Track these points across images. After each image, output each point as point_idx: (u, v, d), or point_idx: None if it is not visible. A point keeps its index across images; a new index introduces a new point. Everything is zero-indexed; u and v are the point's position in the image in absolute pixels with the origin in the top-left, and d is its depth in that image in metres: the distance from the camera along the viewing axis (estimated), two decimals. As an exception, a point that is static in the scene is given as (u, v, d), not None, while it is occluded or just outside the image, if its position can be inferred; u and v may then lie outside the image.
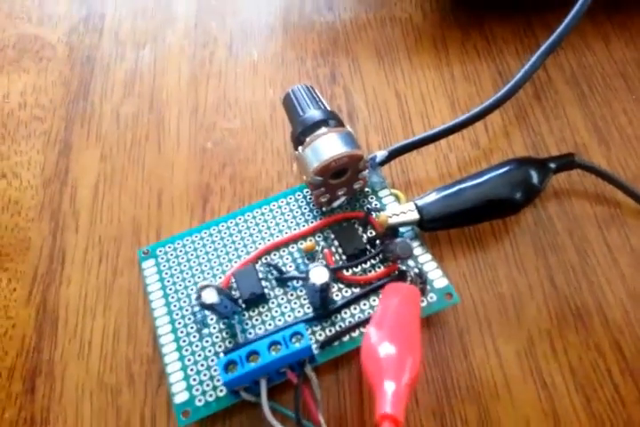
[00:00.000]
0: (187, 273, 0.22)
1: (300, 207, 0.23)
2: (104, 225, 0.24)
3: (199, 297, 0.19)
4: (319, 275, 0.18)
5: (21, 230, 0.24)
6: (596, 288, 0.21)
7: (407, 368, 0.15)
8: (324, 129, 0.21)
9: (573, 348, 0.20)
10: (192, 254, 0.22)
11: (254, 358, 0.18)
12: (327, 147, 0.20)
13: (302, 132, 0.21)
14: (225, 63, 0.27)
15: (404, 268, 0.21)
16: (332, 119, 0.21)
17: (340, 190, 0.22)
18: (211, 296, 0.19)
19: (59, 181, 0.25)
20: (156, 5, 0.29)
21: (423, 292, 0.20)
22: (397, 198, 0.23)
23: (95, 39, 0.28)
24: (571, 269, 0.22)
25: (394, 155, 0.23)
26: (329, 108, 0.22)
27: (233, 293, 0.21)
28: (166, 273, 0.22)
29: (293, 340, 0.18)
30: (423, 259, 0.21)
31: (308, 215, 0.22)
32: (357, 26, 0.28)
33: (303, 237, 0.22)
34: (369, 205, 0.23)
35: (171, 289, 0.21)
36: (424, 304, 0.20)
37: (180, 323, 0.20)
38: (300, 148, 0.21)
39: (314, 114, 0.21)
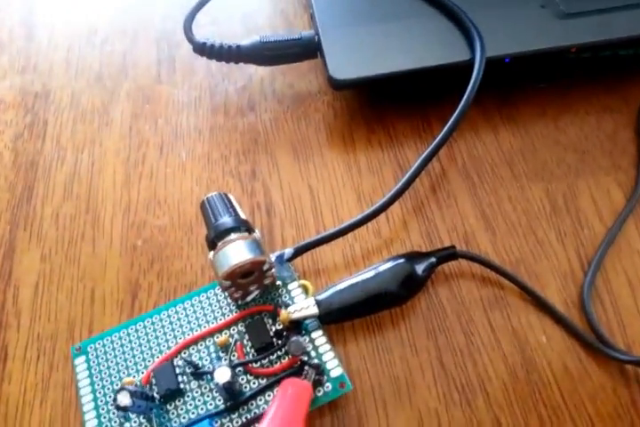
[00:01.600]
0: (113, 369, 0.24)
1: (218, 301, 0.25)
2: (42, 323, 0.26)
3: (115, 399, 0.21)
4: (222, 374, 0.21)
5: (-33, 331, 0.26)
6: (480, 368, 0.24)
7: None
8: (233, 235, 0.24)
9: (458, 425, 0.23)
10: (119, 350, 0.24)
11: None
12: (233, 254, 0.23)
13: (215, 237, 0.24)
14: (156, 164, 0.30)
15: (305, 359, 0.23)
16: (242, 226, 0.24)
17: (252, 286, 0.25)
18: (124, 399, 0.21)
19: (3, 283, 0.27)
20: (94, 111, 0.32)
21: (320, 382, 0.23)
22: (306, 290, 0.25)
23: (39, 144, 0.31)
24: (458, 350, 0.24)
25: (300, 252, 0.26)
26: (241, 215, 0.25)
27: (153, 387, 0.23)
28: (95, 369, 0.24)
29: (199, 432, 0.20)
30: (322, 349, 0.24)
31: (225, 309, 0.25)
32: (276, 125, 0.31)
33: (219, 330, 0.25)
34: (279, 298, 0.25)
35: (99, 385, 0.24)
36: (320, 394, 0.22)
37: (104, 417, 0.23)
38: (211, 252, 0.24)
39: (226, 221, 0.24)
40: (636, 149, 0.29)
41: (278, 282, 0.26)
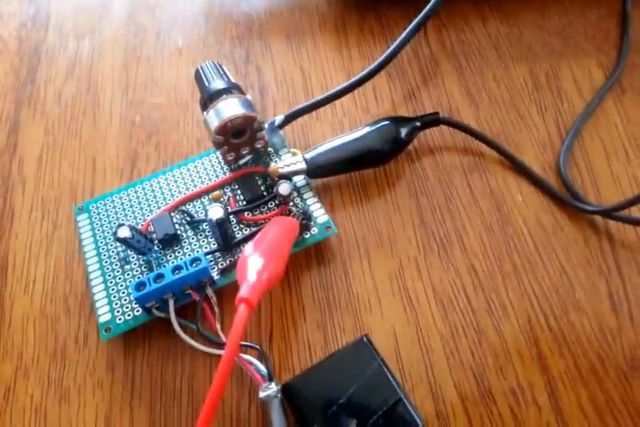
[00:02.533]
0: (114, 223, 0.25)
1: (213, 166, 0.27)
2: (46, 188, 0.28)
3: (115, 233, 0.23)
4: (215, 212, 0.22)
5: (-24, 195, 0.28)
6: (457, 223, 0.25)
7: (268, 270, 0.19)
8: (224, 96, 0.25)
9: (436, 270, 0.24)
10: (119, 208, 0.26)
11: (160, 280, 0.22)
12: (225, 109, 0.24)
13: (208, 99, 0.25)
14: (153, 49, 0.31)
15: (292, 208, 0.25)
16: (233, 88, 0.25)
17: (244, 149, 0.26)
18: (124, 232, 0.23)
19: (9, 154, 0.29)
20: (95, 2, 0.33)
21: (307, 227, 0.24)
22: (295, 156, 0.27)
23: (42, 34, 0.32)
24: (437, 209, 0.26)
25: (290, 118, 0.27)
26: (233, 81, 0.26)
27: (152, 235, 0.25)
28: (97, 224, 0.26)
29: (194, 264, 0.22)
30: (310, 201, 0.25)
31: (219, 172, 0.27)
32: (270, 15, 0.32)
33: (213, 189, 0.26)
34: (270, 163, 0.27)
35: (100, 236, 0.25)
36: (308, 236, 0.24)
37: (106, 262, 0.24)
38: (204, 112, 0.25)
39: (218, 84, 0.25)
40: (619, 34, 0.30)
41: (270, 149, 0.27)
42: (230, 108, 0.24)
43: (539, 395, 0.21)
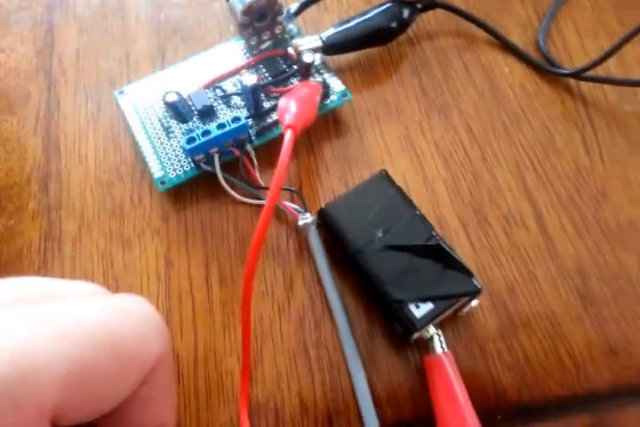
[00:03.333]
0: (154, 101, 0.29)
1: (237, 51, 0.30)
2: (86, 77, 0.31)
3: (164, 98, 0.26)
4: (249, 78, 0.26)
5: (23, 88, 0.31)
6: (454, 92, 0.29)
7: (305, 109, 0.23)
8: (246, -17, 0.28)
9: (437, 130, 0.28)
10: (157, 89, 0.29)
11: (207, 135, 0.25)
12: (249, -7, 0.27)
13: (232, -12, 0.28)
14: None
15: (313, 80, 0.28)
16: (253, -22, 0.28)
17: (265, 34, 0.29)
18: (172, 96, 0.26)
19: (48, 51, 0.32)
20: None
21: (327, 95, 0.28)
22: (312, 35, 0.30)
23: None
24: (437, 81, 0.30)
25: (304, 6, 0.30)
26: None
27: (192, 108, 0.28)
28: (138, 103, 0.29)
29: (235, 122, 0.26)
30: (327, 74, 0.29)
31: (244, 56, 0.30)
32: None
33: (239, 70, 0.29)
34: (288, 46, 0.30)
35: (142, 113, 0.29)
36: (328, 102, 0.28)
37: (152, 131, 0.28)
38: (230, -1, 0.28)
39: (240, -25, 0.29)
40: None
41: (286, 35, 0.30)
42: (255, -9, 0.27)
43: (527, 219, 0.26)
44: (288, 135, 0.22)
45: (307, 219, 0.25)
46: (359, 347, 0.24)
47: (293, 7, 0.30)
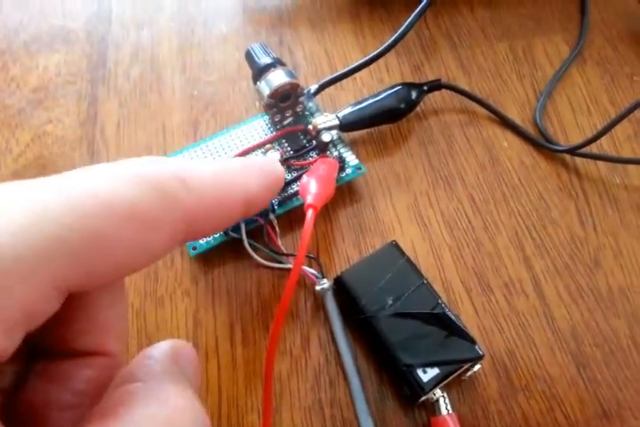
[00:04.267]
0: (187, 171, 0.32)
1: (262, 127, 0.34)
2: (126, 148, 0.34)
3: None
4: (274, 155, 0.29)
5: (68, 156, 0.34)
6: (458, 165, 0.32)
7: (324, 188, 0.26)
8: (272, 69, 0.32)
9: (443, 200, 0.31)
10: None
11: (234, 208, 0.28)
12: (275, 78, 0.31)
13: (259, 73, 0.32)
14: (202, 36, 0.38)
15: (330, 155, 0.31)
16: (278, 63, 0.32)
17: (287, 112, 0.33)
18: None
19: (91, 123, 0.35)
20: (148, -1, 0.40)
21: (342, 169, 0.31)
22: (329, 115, 0.34)
23: (106, 24, 0.39)
24: (442, 154, 0.33)
25: (323, 86, 0.34)
26: (276, 56, 0.33)
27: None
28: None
29: (258, 196, 0.29)
30: (343, 150, 0.32)
31: (267, 132, 0.33)
32: (297, 6, 0.39)
33: (264, 144, 0.33)
34: (308, 123, 0.33)
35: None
36: (343, 175, 0.31)
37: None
38: (257, 82, 0.32)
39: (266, 60, 0.32)
40: (580, 15, 0.37)
41: (306, 113, 0.34)
42: (279, 77, 0.31)
43: (526, 287, 0.28)
44: (309, 214, 0.25)
45: (324, 284, 0.28)
46: (370, 406, 0.26)
47: (313, 88, 0.33)
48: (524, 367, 0.26)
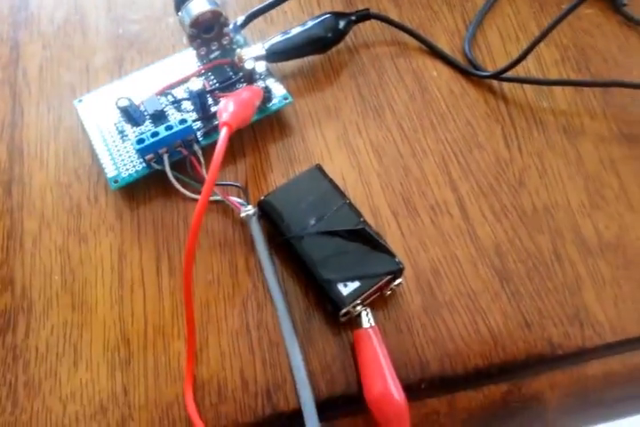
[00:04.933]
0: (110, 107, 0.31)
1: (189, 61, 0.33)
2: (48, 89, 0.33)
3: (116, 103, 0.29)
4: (195, 84, 0.29)
5: (-12, 99, 0.33)
6: (388, 95, 0.32)
7: (241, 109, 0.26)
8: (194, -2, 0.31)
9: (372, 129, 0.31)
10: (113, 97, 0.32)
11: (156, 136, 0.28)
12: (195, 6, 0.30)
13: (180, 2, 0.31)
14: (128, -24, 0.37)
15: (257, 85, 0.31)
16: (200, -6, 0.31)
17: (213, 45, 0.32)
18: (123, 102, 0.29)
19: (13, 66, 0.34)
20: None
21: (269, 99, 0.30)
22: (255, 45, 0.33)
23: (27, -34, 0.37)
24: (372, 85, 0.32)
25: (251, 17, 0.33)
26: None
27: (145, 113, 0.31)
28: (96, 110, 0.31)
29: (181, 124, 0.28)
30: (270, 80, 0.31)
31: (196, 65, 0.32)
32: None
33: (189, 78, 0.32)
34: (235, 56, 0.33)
35: (100, 119, 0.31)
36: (270, 104, 0.30)
37: (107, 135, 0.30)
38: (179, 12, 0.31)
39: (189, -10, 0.31)
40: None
41: (234, 46, 0.33)
42: (200, 4, 0.30)
43: (451, 208, 0.28)
44: (223, 132, 0.24)
45: (248, 211, 0.27)
46: (297, 327, 0.26)
47: (240, 19, 0.33)
48: (447, 284, 0.26)
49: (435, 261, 0.27)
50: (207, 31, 0.31)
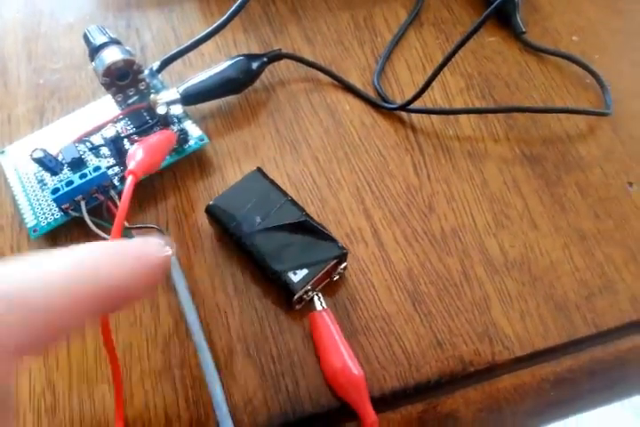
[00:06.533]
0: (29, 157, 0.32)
1: (108, 108, 0.34)
2: (-29, 140, 0.34)
3: (31, 155, 0.29)
4: (109, 131, 0.30)
5: None
6: (304, 130, 0.33)
7: (149, 157, 0.26)
8: (106, 47, 0.32)
9: (289, 164, 0.32)
10: (33, 148, 0.32)
11: (71, 185, 0.28)
12: (108, 56, 0.31)
13: (94, 51, 0.32)
14: (49, 25, 0.38)
15: (173, 128, 0.32)
16: (113, 42, 0.32)
17: (130, 91, 0.33)
18: (38, 153, 0.29)
19: None
20: (-9, -8, 0.39)
21: (186, 141, 0.31)
22: (170, 89, 0.34)
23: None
24: (289, 121, 0.34)
25: (165, 62, 0.34)
26: (113, 37, 0.33)
27: (62, 162, 0.31)
28: (17, 161, 0.32)
29: (95, 171, 0.29)
30: (186, 123, 0.32)
31: (115, 111, 0.33)
32: (143, -9, 0.39)
33: (106, 124, 0.33)
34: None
35: (21, 171, 0.32)
36: (187, 146, 0.31)
37: (27, 185, 0.31)
38: (92, 62, 0.32)
39: (101, 39, 0.32)
40: (417, -17, 0.39)
41: (152, 90, 0.34)
42: (112, 54, 0.31)
43: (365, 235, 0.30)
44: (129, 180, 0.25)
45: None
46: (219, 363, 0.26)
47: (155, 65, 0.34)
48: (363, 309, 0.27)
49: (351, 287, 0.28)
50: (121, 78, 0.32)
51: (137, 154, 0.27)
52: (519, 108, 0.33)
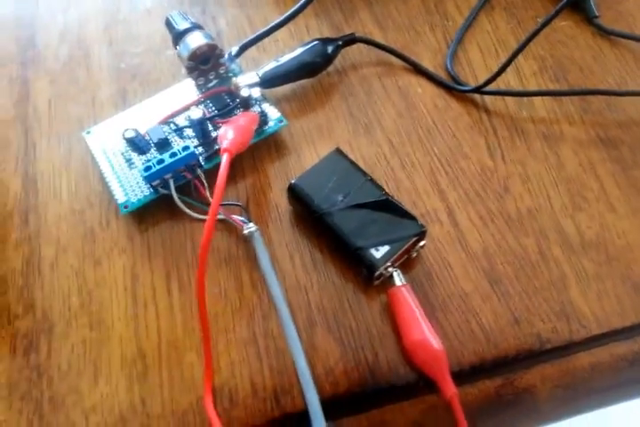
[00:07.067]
0: (116, 138, 0.33)
1: (189, 91, 0.35)
2: (58, 122, 0.35)
3: (123, 135, 0.31)
4: (195, 112, 0.31)
5: (3, 135, 0.35)
6: (377, 112, 0.34)
7: (240, 136, 0.28)
8: (190, 32, 0.33)
9: (364, 146, 0.33)
10: (119, 128, 0.34)
11: (162, 163, 0.30)
12: (192, 41, 0.32)
13: (178, 36, 0.33)
14: (127, 11, 0.39)
15: (254, 110, 0.33)
16: (196, 27, 0.33)
17: (210, 75, 0.34)
18: (130, 133, 0.31)
19: (24, 102, 0.37)
20: None
21: (265, 122, 0.33)
22: (250, 73, 0.35)
23: (34, 9, 0.40)
24: (361, 105, 0.34)
25: (244, 47, 0.35)
26: (195, 22, 0.34)
27: (149, 142, 0.33)
28: (103, 141, 0.34)
29: (184, 151, 0.30)
30: (265, 105, 0.33)
31: (195, 94, 0.35)
32: (217, -22, 0.41)
33: (189, 106, 0.34)
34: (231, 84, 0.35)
35: (107, 149, 0.33)
36: (266, 128, 0.32)
37: (116, 164, 0.32)
38: (176, 46, 0.33)
39: (184, 25, 0.33)
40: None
41: (230, 74, 0.35)
42: (196, 39, 0.32)
43: (441, 215, 0.30)
44: (225, 158, 0.26)
45: (251, 228, 0.29)
46: (301, 335, 0.27)
47: (234, 50, 0.35)
48: (440, 287, 0.28)
49: (427, 266, 0.29)
50: (204, 63, 0.33)
51: (228, 133, 0.28)
52: (599, 90, 0.33)
